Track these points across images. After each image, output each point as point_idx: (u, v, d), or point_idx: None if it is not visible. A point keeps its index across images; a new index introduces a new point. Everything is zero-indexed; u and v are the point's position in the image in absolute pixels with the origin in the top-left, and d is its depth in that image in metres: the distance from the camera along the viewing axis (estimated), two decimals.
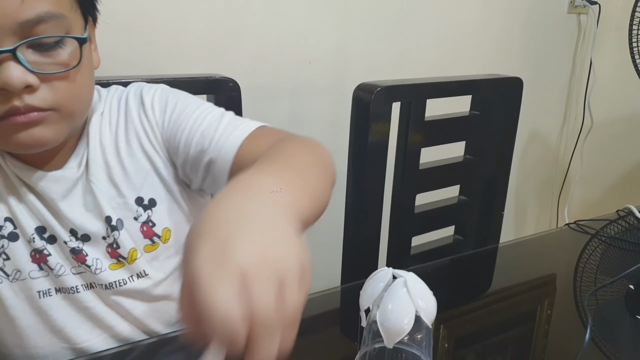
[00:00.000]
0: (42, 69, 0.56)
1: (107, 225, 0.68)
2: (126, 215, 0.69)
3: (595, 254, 1.03)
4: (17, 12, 0.53)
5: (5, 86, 0.54)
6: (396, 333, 0.56)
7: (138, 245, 0.70)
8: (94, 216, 0.68)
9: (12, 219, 0.64)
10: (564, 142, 2.11)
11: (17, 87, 0.54)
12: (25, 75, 0.54)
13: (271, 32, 1.31)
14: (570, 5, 1.86)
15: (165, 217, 0.72)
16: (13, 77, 0.53)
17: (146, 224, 0.71)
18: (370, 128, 0.96)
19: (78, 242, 0.67)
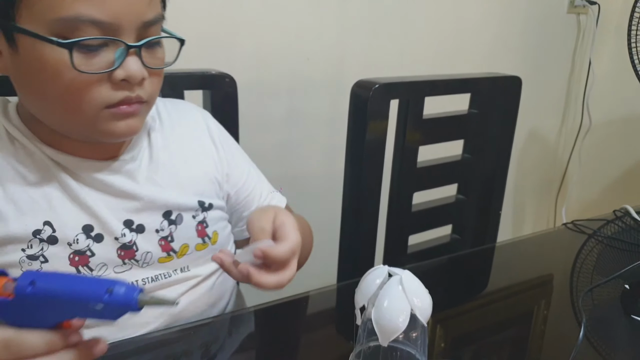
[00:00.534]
0: (149, 64, 0.62)
1: (165, 219, 0.72)
2: (187, 212, 0.74)
3: (592, 254, 1.03)
4: (144, 13, 0.60)
5: (128, 77, 0.60)
6: (391, 331, 0.56)
7: (191, 242, 0.74)
8: (152, 207, 0.71)
9: (51, 223, 0.64)
10: (562, 141, 2.11)
11: (138, 79, 0.61)
12: (142, 69, 0.61)
13: (269, 28, 1.30)
14: (570, 5, 1.86)
15: (217, 221, 0.78)
16: (136, 70, 0.60)
17: (202, 223, 0.76)
18: (368, 125, 0.96)
19: (132, 234, 0.69)
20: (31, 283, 0.41)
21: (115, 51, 0.59)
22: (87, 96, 0.59)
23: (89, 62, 0.57)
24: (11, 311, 0.42)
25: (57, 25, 0.55)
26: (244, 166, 0.85)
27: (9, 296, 0.41)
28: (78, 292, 0.42)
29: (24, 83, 0.62)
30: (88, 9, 0.55)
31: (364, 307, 0.60)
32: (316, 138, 1.46)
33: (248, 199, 0.84)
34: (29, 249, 0.63)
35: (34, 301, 0.41)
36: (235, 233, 0.85)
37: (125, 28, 0.58)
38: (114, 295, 0.41)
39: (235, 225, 0.85)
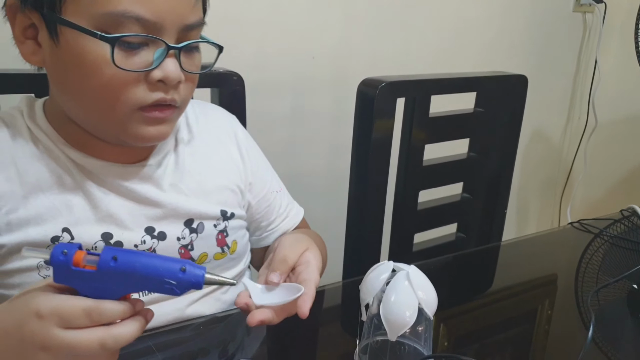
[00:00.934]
0: (186, 68, 0.62)
1: (187, 227, 0.71)
2: (208, 221, 0.74)
3: (597, 253, 1.03)
4: (187, 15, 0.60)
5: (165, 78, 0.59)
6: (400, 326, 0.56)
7: (210, 251, 0.74)
8: (174, 215, 0.70)
9: (70, 230, 0.64)
10: (567, 141, 2.10)
11: (175, 81, 0.60)
12: (180, 71, 0.61)
13: (275, 26, 1.31)
14: (576, 3, 1.85)
15: (237, 230, 0.78)
16: (174, 72, 0.60)
17: (222, 232, 0.76)
18: (374, 124, 0.96)
19: (152, 241, 0.69)
20: (113, 258, 0.45)
21: (155, 51, 0.59)
22: (122, 94, 0.59)
23: (129, 60, 0.57)
24: (90, 282, 0.45)
25: (101, 20, 0.55)
26: (266, 176, 0.85)
27: (91, 268, 0.45)
28: (155, 268, 0.46)
29: (61, 77, 0.61)
30: (134, 6, 0.56)
31: (369, 303, 0.61)
32: (321, 136, 1.46)
33: (268, 210, 0.84)
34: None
35: (113, 274, 0.45)
36: (252, 241, 0.85)
37: (167, 29, 0.58)
38: (186, 273, 0.46)
39: (252, 233, 0.85)
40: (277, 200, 0.85)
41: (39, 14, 0.58)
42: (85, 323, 0.45)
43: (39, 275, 0.63)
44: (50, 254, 0.45)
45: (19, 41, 0.60)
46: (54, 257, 0.45)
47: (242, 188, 0.79)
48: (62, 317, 0.44)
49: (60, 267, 0.45)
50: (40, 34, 0.59)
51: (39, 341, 0.44)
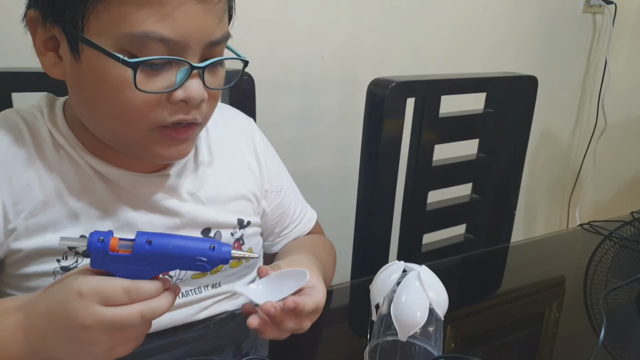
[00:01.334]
0: (210, 84, 0.60)
1: (204, 236, 0.71)
2: (225, 229, 0.74)
3: (607, 255, 1.02)
4: (213, 32, 0.58)
5: (188, 99, 0.57)
6: (410, 326, 0.56)
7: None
8: (191, 225, 0.70)
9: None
10: (576, 142, 2.09)
11: (198, 101, 0.58)
12: (203, 90, 0.58)
13: (284, 27, 1.31)
14: (586, 4, 1.85)
15: (252, 237, 0.78)
16: (197, 92, 0.57)
17: (238, 240, 0.76)
18: (383, 123, 0.96)
19: None
20: (147, 242, 0.48)
21: (178, 71, 0.57)
22: (143, 114, 0.58)
23: (151, 81, 0.56)
24: (125, 265, 0.48)
25: (124, 40, 0.54)
26: (282, 182, 0.85)
27: (126, 252, 0.48)
28: (187, 248, 0.49)
29: (80, 93, 0.61)
30: (158, 27, 0.53)
31: (379, 303, 0.61)
32: (329, 135, 1.47)
33: (282, 216, 0.84)
34: (64, 260, 0.63)
35: (148, 256, 0.48)
36: (264, 246, 0.85)
37: (191, 47, 0.56)
38: (215, 250, 0.50)
39: (265, 239, 0.85)
40: (291, 207, 0.85)
41: (61, 29, 0.56)
42: (124, 301, 0.48)
43: (54, 280, 0.64)
44: (88, 241, 0.48)
45: (40, 53, 0.59)
46: (92, 244, 0.47)
47: (258, 196, 0.79)
48: (103, 296, 0.47)
49: (97, 254, 0.48)
50: (62, 48, 0.58)
51: (81, 317, 0.47)
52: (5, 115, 0.65)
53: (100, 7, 0.53)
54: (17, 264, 0.63)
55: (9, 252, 0.63)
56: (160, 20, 0.53)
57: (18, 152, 0.62)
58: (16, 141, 0.63)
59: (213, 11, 0.57)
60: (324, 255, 0.83)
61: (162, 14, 0.53)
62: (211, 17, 0.57)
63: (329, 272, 0.84)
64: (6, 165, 0.61)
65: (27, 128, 0.64)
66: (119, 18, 0.53)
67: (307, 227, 0.88)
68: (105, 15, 0.53)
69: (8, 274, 0.65)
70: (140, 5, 0.52)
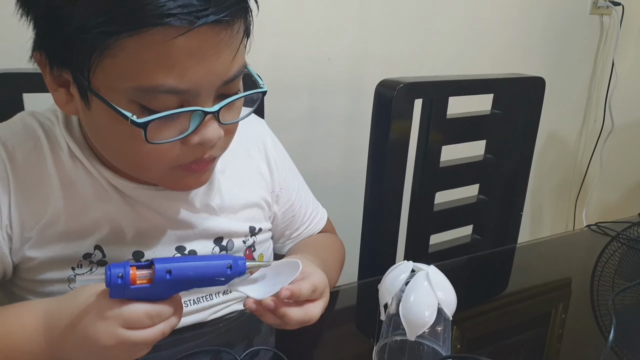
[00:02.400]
0: (226, 120, 0.57)
1: (217, 245, 0.72)
2: (237, 238, 0.74)
3: (614, 257, 1.02)
4: (226, 72, 0.54)
5: (204, 142, 0.56)
6: (419, 325, 0.56)
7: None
8: (204, 235, 0.71)
9: (102, 248, 0.64)
10: (582, 144, 2.09)
11: (214, 142, 0.57)
12: (219, 131, 0.57)
13: (292, 29, 1.31)
14: (593, 6, 1.84)
15: (263, 243, 0.79)
16: (213, 135, 0.56)
17: (250, 247, 0.76)
18: (391, 125, 0.96)
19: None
20: (167, 272, 0.50)
21: (192, 116, 0.54)
22: (157, 160, 0.57)
23: (163, 131, 0.54)
24: (146, 292, 0.50)
25: (133, 93, 0.51)
26: (293, 185, 0.84)
27: (148, 282, 0.49)
28: (206, 272, 0.51)
29: (93, 134, 0.60)
30: (167, 79, 0.50)
31: (387, 303, 0.61)
32: (336, 137, 1.47)
33: (293, 220, 0.85)
34: (79, 268, 0.64)
35: (168, 284, 0.50)
36: (275, 248, 0.86)
37: (203, 93, 0.53)
38: (232, 269, 0.52)
39: (276, 241, 0.85)
40: (301, 210, 0.85)
41: (69, 73, 0.54)
42: (147, 324, 0.50)
43: (68, 288, 0.64)
44: (106, 278, 0.48)
45: (51, 88, 0.57)
46: (112, 281, 0.48)
47: (269, 201, 0.79)
48: (127, 320, 0.49)
49: (117, 288, 0.49)
50: (72, 88, 0.55)
51: (104, 340, 0.49)
52: (23, 118, 0.65)
53: (107, 61, 0.50)
54: (32, 270, 0.64)
55: (23, 259, 0.63)
56: (169, 72, 0.50)
57: (37, 160, 0.62)
58: (35, 148, 0.62)
59: (226, 51, 0.53)
60: (328, 253, 0.83)
61: (169, 65, 0.50)
62: (224, 57, 0.53)
63: (334, 271, 0.83)
64: (25, 173, 0.61)
65: (45, 134, 0.63)
66: (126, 71, 0.50)
67: (317, 228, 0.89)
68: (111, 68, 0.50)
69: (23, 279, 0.65)
70: (147, 58, 0.49)
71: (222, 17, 0.50)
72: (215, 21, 0.50)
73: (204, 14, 0.49)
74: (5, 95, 0.78)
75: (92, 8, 0.48)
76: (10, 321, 0.55)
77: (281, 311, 0.56)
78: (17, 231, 0.61)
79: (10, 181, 0.60)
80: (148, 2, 0.47)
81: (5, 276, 0.64)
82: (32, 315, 0.54)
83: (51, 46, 0.53)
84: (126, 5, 0.47)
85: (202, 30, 0.49)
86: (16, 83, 0.78)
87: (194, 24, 0.48)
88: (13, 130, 0.63)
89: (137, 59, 0.49)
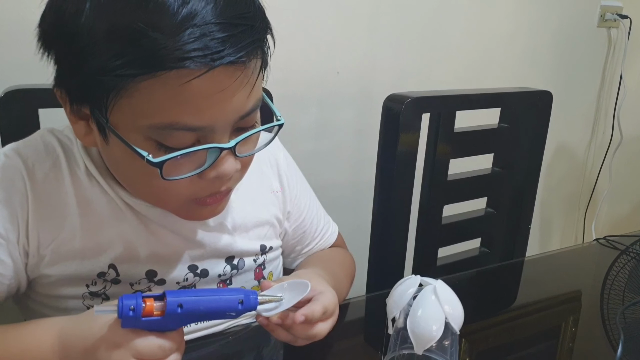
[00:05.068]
0: (242, 152, 0.58)
1: (228, 264, 0.73)
2: (249, 257, 0.75)
3: (624, 270, 1.02)
4: (242, 107, 0.55)
5: (220, 176, 0.56)
6: (426, 339, 0.57)
7: (247, 285, 0.76)
8: (216, 254, 0.72)
9: (116, 267, 0.65)
10: (591, 156, 2.08)
11: (230, 176, 0.57)
12: (236, 164, 0.57)
13: (301, 42, 1.33)
14: (601, 19, 1.85)
15: (273, 261, 0.80)
16: (230, 169, 0.56)
17: (260, 266, 0.77)
18: (399, 138, 0.97)
19: (195, 278, 0.70)
20: (179, 306, 0.51)
21: (208, 152, 0.55)
22: (174, 192, 0.57)
23: (180, 167, 0.54)
24: (157, 323, 0.51)
25: (149, 130, 0.52)
26: (304, 201, 0.84)
27: (160, 315, 0.51)
28: (217, 307, 0.52)
29: (111, 164, 0.62)
30: (183, 117, 0.51)
31: (395, 316, 0.62)
32: (344, 149, 1.48)
33: (303, 236, 0.85)
34: (93, 285, 0.65)
35: (178, 317, 0.51)
36: (285, 263, 0.86)
37: (219, 129, 0.54)
38: (244, 305, 0.53)
39: (286, 256, 0.86)
40: (312, 226, 0.86)
41: (88, 109, 0.55)
42: (159, 355, 0.52)
43: (83, 305, 0.65)
44: (118, 310, 0.49)
45: (71, 121, 0.58)
46: (124, 315, 0.49)
47: (281, 218, 0.80)
48: (139, 352, 0.51)
49: (129, 320, 0.50)
50: (91, 123, 0.56)
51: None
52: (43, 136, 0.66)
53: (123, 100, 0.51)
54: (47, 286, 0.65)
55: (39, 275, 0.64)
56: (185, 111, 0.51)
57: (56, 178, 0.63)
58: (54, 166, 0.63)
59: (242, 89, 0.53)
60: (338, 268, 0.83)
61: (185, 105, 0.51)
62: (240, 94, 0.54)
63: (343, 286, 0.83)
64: (44, 191, 0.62)
65: (63, 152, 0.64)
66: (142, 111, 0.51)
67: (327, 243, 0.89)
68: (128, 108, 0.51)
69: (38, 293, 0.66)
70: (163, 99, 0.50)
71: (238, 57, 0.50)
72: (231, 62, 0.50)
73: (220, 55, 0.49)
74: (21, 111, 0.79)
75: (110, 51, 0.48)
76: (28, 339, 0.56)
77: (292, 329, 0.58)
78: (33, 247, 0.62)
79: (29, 198, 0.61)
80: (164, 45, 0.48)
81: (20, 290, 0.65)
82: (49, 334, 0.55)
83: (71, 85, 0.54)
84: (143, 49, 0.48)
85: (218, 71, 0.50)
86: (32, 98, 0.80)
87: (210, 66, 0.49)
88: (34, 148, 0.64)
89: (153, 100, 0.50)
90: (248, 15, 0.52)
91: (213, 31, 0.49)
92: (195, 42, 0.48)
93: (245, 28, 0.51)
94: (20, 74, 0.86)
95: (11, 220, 0.60)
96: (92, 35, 0.49)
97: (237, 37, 0.50)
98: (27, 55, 0.97)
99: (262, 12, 0.56)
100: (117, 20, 0.48)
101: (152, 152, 0.52)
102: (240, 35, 0.51)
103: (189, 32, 0.48)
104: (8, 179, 0.61)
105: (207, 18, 0.49)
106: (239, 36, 0.51)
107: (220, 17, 0.49)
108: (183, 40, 0.48)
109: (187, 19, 0.48)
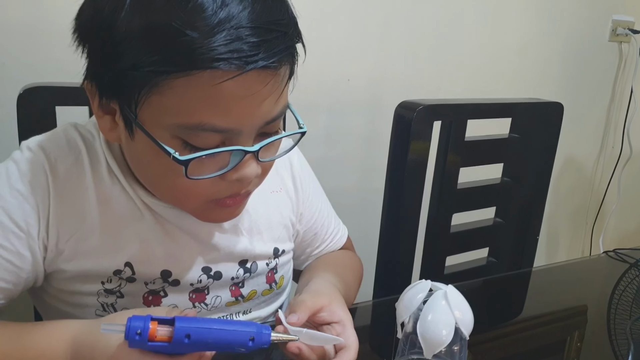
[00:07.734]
0: (264, 157, 0.58)
1: (241, 267, 0.73)
2: (262, 260, 0.75)
3: (632, 284, 1.01)
4: (270, 113, 0.55)
5: (242, 179, 0.57)
6: (436, 344, 0.57)
7: (259, 288, 0.76)
8: (230, 258, 0.72)
9: (132, 265, 0.65)
10: (600, 170, 2.08)
11: (251, 179, 0.58)
12: (258, 168, 0.58)
13: (311, 49, 1.33)
14: (612, 33, 1.85)
15: (285, 264, 0.80)
16: (252, 173, 0.57)
17: (272, 270, 0.77)
18: (410, 146, 0.97)
19: (208, 280, 0.70)
20: (187, 336, 0.49)
21: (232, 154, 0.55)
22: (195, 192, 0.58)
23: (203, 168, 0.55)
24: (164, 349, 0.50)
25: (176, 129, 0.53)
26: (316, 204, 0.85)
27: (167, 341, 0.49)
28: (227, 342, 0.51)
29: (134, 163, 0.62)
30: (211, 118, 0.52)
31: (404, 321, 0.62)
32: (354, 156, 1.48)
33: (314, 238, 0.85)
34: (108, 283, 0.65)
35: (186, 346, 0.50)
36: (295, 264, 0.86)
37: (245, 132, 0.55)
38: (255, 342, 0.51)
39: (297, 258, 0.86)
40: (323, 228, 0.86)
41: (117, 103, 0.55)
42: None
43: (97, 301, 0.66)
44: (125, 334, 0.49)
45: (97, 115, 0.59)
46: (130, 338, 0.49)
47: (294, 220, 0.80)
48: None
49: (135, 343, 0.49)
50: (117, 116, 0.57)
51: None
52: (66, 130, 0.66)
53: (154, 97, 0.51)
54: (62, 281, 0.65)
55: (56, 270, 0.64)
56: (214, 112, 0.52)
57: (77, 174, 0.63)
58: (76, 162, 0.64)
59: (271, 95, 0.54)
60: (348, 273, 0.84)
61: (215, 106, 0.52)
62: (269, 100, 0.54)
63: (352, 291, 0.84)
64: (65, 186, 0.63)
65: (86, 148, 0.65)
66: (171, 108, 0.52)
67: (337, 246, 0.89)
68: (158, 105, 0.52)
69: (54, 287, 0.67)
70: (193, 98, 0.51)
71: (271, 62, 0.51)
72: (264, 67, 0.51)
73: (253, 59, 0.50)
74: (38, 108, 0.80)
75: (146, 47, 0.49)
76: (42, 343, 0.57)
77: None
78: (52, 242, 0.62)
79: (50, 193, 0.62)
80: (200, 45, 0.48)
81: (36, 284, 0.66)
82: (62, 339, 0.56)
83: (103, 78, 0.55)
84: (178, 47, 0.49)
85: (250, 75, 0.50)
86: (49, 96, 0.81)
87: (243, 69, 0.50)
88: (57, 143, 0.64)
89: (184, 98, 0.51)
90: (282, 22, 0.53)
91: (248, 35, 0.50)
92: (230, 44, 0.49)
93: (279, 34, 0.52)
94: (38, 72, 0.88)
95: (33, 214, 0.61)
96: (129, 30, 0.50)
97: (270, 43, 0.51)
98: (45, 54, 0.99)
99: (295, 20, 0.57)
100: (156, 17, 0.49)
101: (177, 150, 0.53)
102: (273, 41, 0.51)
103: (225, 34, 0.49)
104: (31, 173, 0.61)
105: (243, 22, 0.50)
106: (273, 42, 0.51)
107: (256, 22, 0.50)
108: (218, 42, 0.49)
109: (224, 21, 0.49)
